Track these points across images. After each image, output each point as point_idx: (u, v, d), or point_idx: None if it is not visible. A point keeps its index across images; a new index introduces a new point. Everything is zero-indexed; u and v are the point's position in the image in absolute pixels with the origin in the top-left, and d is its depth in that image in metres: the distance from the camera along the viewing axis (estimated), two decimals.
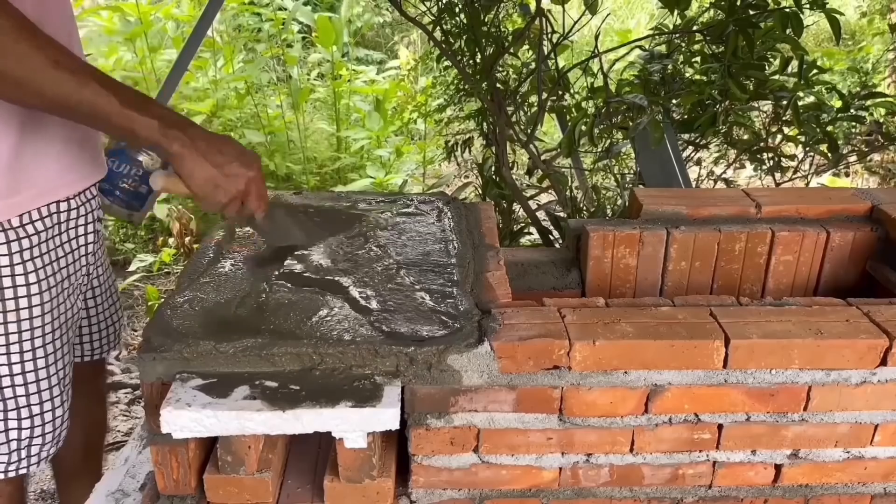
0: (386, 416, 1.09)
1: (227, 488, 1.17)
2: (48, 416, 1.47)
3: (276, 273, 1.35)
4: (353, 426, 1.10)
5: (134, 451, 1.47)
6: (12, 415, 1.43)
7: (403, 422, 1.17)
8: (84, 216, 1.51)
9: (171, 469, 1.18)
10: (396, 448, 1.25)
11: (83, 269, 1.54)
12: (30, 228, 1.37)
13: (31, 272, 1.38)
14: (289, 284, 1.32)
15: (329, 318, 1.22)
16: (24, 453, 1.47)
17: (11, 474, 1.47)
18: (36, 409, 1.45)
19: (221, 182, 1.24)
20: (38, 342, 1.42)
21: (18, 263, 1.36)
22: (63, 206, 1.44)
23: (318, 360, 1.15)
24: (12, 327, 1.38)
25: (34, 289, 1.38)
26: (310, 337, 1.16)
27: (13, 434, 1.44)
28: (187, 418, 1.08)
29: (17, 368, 1.41)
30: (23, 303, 1.37)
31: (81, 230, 1.51)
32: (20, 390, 1.42)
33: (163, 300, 1.28)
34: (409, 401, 1.17)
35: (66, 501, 1.90)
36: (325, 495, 1.20)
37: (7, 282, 1.35)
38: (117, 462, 1.45)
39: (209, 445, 1.22)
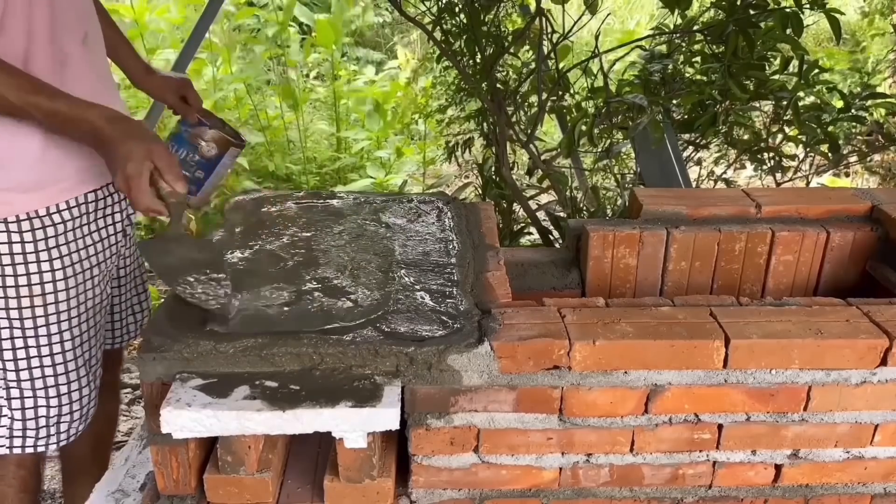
0: (386, 416, 1.09)
1: (227, 488, 1.17)
2: (75, 396, 1.52)
3: (276, 274, 1.35)
4: (353, 426, 1.10)
5: (134, 451, 1.47)
6: (41, 393, 1.48)
7: (403, 422, 1.17)
8: (113, 205, 1.54)
9: (171, 469, 1.18)
10: (396, 448, 1.25)
11: (113, 257, 1.57)
12: (56, 217, 1.41)
13: (56, 259, 1.42)
14: (288, 284, 1.31)
15: (329, 318, 1.21)
16: (52, 430, 1.52)
17: (41, 448, 1.52)
18: (63, 389, 1.49)
19: (120, 160, 1.25)
20: (64, 325, 1.46)
21: (43, 250, 1.40)
22: (91, 196, 1.48)
23: (318, 360, 1.15)
24: (39, 311, 1.42)
25: (59, 275, 1.43)
26: (310, 337, 1.16)
27: (42, 412, 1.49)
28: (187, 418, 1.08)
29: (45, 350, 1.45)
30: (48, 288, 1.42)
31: (110, 219, 1.54)
32: (48, 371, 1.47)
33: (163, 300, 1.28)
34: (409, 401, 1.17)
35: (71, 493, 1.91)
36: (325, 495, 1.20)
37: (33, 268, 1.40)
38: (117, 462, 1.45)
39: (209, 445, 1.21)
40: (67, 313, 1.46)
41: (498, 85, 2.63)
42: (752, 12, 1.96)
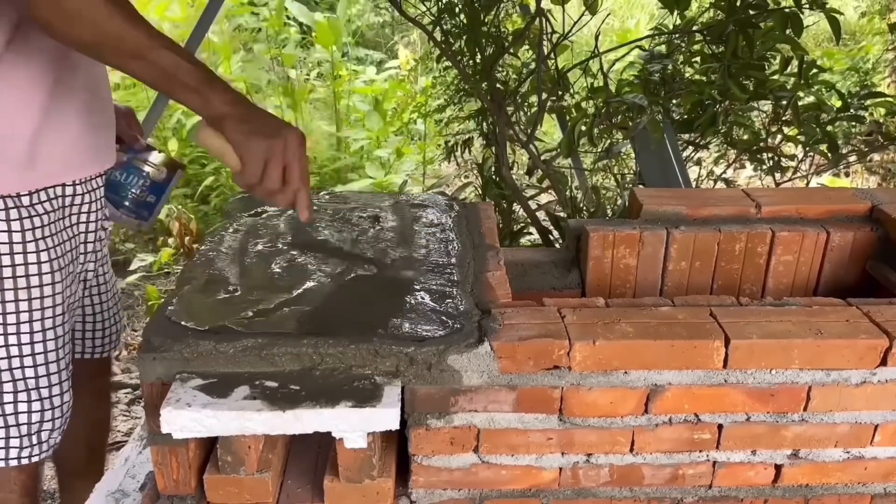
0: (386, 417, 1.09)
1: (227, 488, 1.17)
2: (56, 401, 1.48)
3: (276, 273, 1.35)
4: (353, 426, 1.10)
5: (134, 451, 1.47)
6: (22, 397, 1.43)
7: (403, 422, 1.17)
8: (87, 204, 1.52)
9: (171, 469, 1.18)
10: (396, 448, 1.25)
11: (81, 256, 1.55)
12: (39, 208, 1.39)
13: (43, 251, 1.40)
14: (288, 285, 1.31)
15: (329, 318, 1.21)
16: (34, 439, 1.47)
17: (24, 461, 1.47)
18: (45, 393, 1.46)
19: (260, 127, 1.17)
20: (48, 323, 1.43)
21: (31, 241, 1.38)
22: (69, 189, 1.46)
23: (318, 360, 1.15)
24: (23, 305, 1.39)
25: (45, 268, 1.40)
26: (310, 337, 1.16)
27: (23, 418, 1.44)
28: (187, 418, 1.07)
29: (27, 350, 1.41)
30: (34, 281, 1.39)
31: (84, 217, 1.52)
32: (29, 372, 1.43)
33: (163, 300, 1.28)
34: (409, 401, 1.17)
35: (67, 500, 1.90)
36: (325, 495, 1.20)
37: (19, 259, 1.37)
38: (117, 462, 1.45)
39: (209, 445, 1.21)
40: (52, 310, 1.43)
41: (498, 85, 2.63)
42: (751, 12, 1.96)
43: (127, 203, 1.64)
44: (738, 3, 1.97)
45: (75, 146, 1.43)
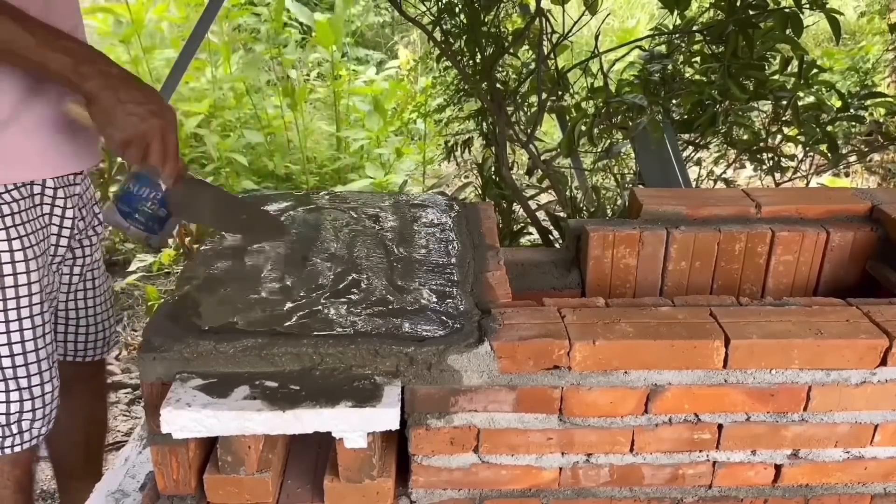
0: (386, 416, 1.09)
1: (227, 488, 1.17)
2: (37, 391, 1.46)
3: (275, 274, 1.35)
4: (353, 426, 1.10)
5: (134, 451, 1.47)
6: None
7: (403, 422, 1.17)
8: (64, 199, 1.50)
9: (171, 469, 1.18)
10: (396, 448, 1.25)
11: (53, 248, 1.53)
12: (6, 197, 1.38)
13: (15, 238, 1.38)
14: (288, 285, 1.32)
15: (329, 318, 1.21)
16: (14, 429, 1.46)
17: (7, 451, 1.46)
18: (24, 383, 1.44)
19: (119, 117, 1.22)
20: (24, 312, 1.41)
21: (1, 229, 1.36)
22: (37, 188, 1.44)
23: (318, 360, 1.15)
24: None
25: (18, 255, 1.39)
26: (310, 337, 1.16)
27: (1, 408, 1.43)
28: (187, 418, 1.08)
29: (2, 339, 1.40)
30: (7, 269, 1.38)
31: (59, 211, 1.50)
32: (6, 361, 1.42)
33: (163, 300, 1.28)
34: (409, 401, 1.17)
35: (66, 501, 1.90)
36: (325, 495, 1.20)
37: None
38: (117, 462, 1.45)
39: (209, 445, 1.21)
40: (29, 298, 1.41)
41: (498, 85, 2.63)
42: (751, 12, 1.96)
43: (137, 215, 1.62)
44: (738, 3, 1.97)
45: (50, 145, 1.41)
